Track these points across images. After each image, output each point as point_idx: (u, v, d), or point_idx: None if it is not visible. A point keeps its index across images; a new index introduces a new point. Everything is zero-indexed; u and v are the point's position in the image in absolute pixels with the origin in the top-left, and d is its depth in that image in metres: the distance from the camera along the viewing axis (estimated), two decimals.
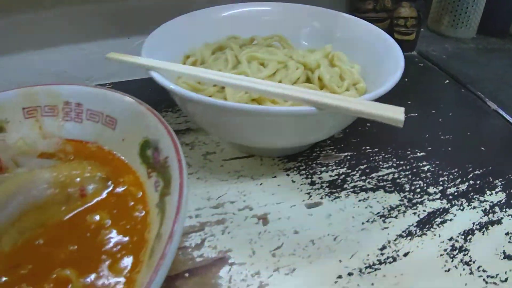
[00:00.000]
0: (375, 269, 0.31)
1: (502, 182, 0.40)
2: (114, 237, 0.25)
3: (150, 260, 0.22)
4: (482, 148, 0.44)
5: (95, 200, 0.27)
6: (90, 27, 0.53)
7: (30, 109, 0.34)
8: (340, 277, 0.30)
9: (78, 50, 0.53)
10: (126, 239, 0.25)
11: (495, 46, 0.72)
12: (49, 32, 0.52)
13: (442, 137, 0.45)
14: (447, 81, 0.57)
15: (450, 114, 0.50)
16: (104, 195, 0.28)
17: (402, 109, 0.30)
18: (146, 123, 0.29)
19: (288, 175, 0.39)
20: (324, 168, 0.40)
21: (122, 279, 0.23)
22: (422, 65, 0.61)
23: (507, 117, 0.50)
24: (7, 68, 0.53)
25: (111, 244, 0.25)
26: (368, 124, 0.46)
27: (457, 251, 0.33)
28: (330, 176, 0.39)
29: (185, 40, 0.43)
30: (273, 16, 0.47)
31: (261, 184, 0.38)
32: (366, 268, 0.31)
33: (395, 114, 0.29)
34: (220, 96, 0.36)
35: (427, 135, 0.45)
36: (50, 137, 0.33)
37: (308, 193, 0.37)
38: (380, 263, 0.31)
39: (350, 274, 0.30)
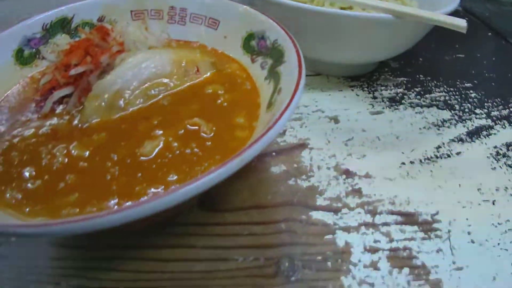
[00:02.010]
0: (433, 161, 0.36)
1: None
2: (230, 100, 0.31)
3: (268, 110, 0.28)
4: None
5: (207, 75, 0.33)
6: None
7: (138, 12, 0.40)
8: (403, 163, 0.36)
9: None
10: (240, 102, 0.30)
11: None
12: None
13: (486, 74, 0.50)
14: (490, 33, 0.61)
15: (494, 58, 0.54)
16: (214, 75, 0.33)
17: (464, 20, 0.35)
18: (250, 20, 0.34)
19: (352, 90, 0.44)
20: (384, 87, 0.45)
21: (243, 126, 0.28)
22: (466, 19, 0.64)
23: None
24: None
25: (227, 105, 0.30)
26: (420, 59, 0.51)
27: (500, 156, 0.38)
28: (389, 93, 0.44)
29: None
30: None
31: (329, 95, 0.43)
32: (425, 159, 0.36)
33: (460, 22, 0.35)
34: None
35: (473, 72, 0.50)
36: (155, 36, 0.38)
37: (371, 104, 0.42)
38: (437, 157, 0.37)
39: (412, 162, 0.36)
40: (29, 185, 0.26)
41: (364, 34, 0.37)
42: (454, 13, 0.41)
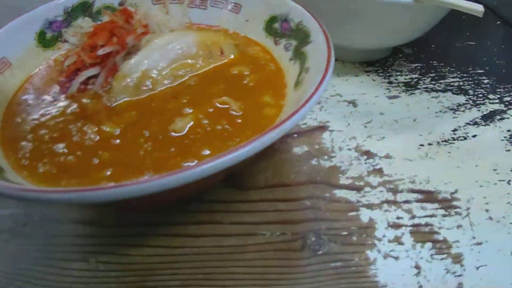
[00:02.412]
0: (450, 143, 0.37)
1: None
2: (256, 81, 0.32)
3: (296, 89, 0.28)
4: None
5: (231, 57, 0.34)
6: None
7: None
8: (422, 145, 0.37)
9: None
10: (266, 82, 0.31)
11: None
12: None
13: (497, 62, 0.51)
14: (498, 22, 0.62)
15: (503, 46, 0.55)
16: (238, 57, 0.34)
17: (481, 5, 0.36)
18: (273, 3, 0.35)
19: (368, 75, 0.45)
20: (399, 73, 0.45)
21: (271, 104, 0.29)
22: None
23: None
24: None
25: (253, 85, 0.31)
26: (433, 46, 0.51)
27: None
28: (405, 79, 0.45)
29: None
30: None
31: (346, 80, 0.44)
32: (442, 141, 0.37)
33: (477, 6, 0.35)
34: None
35: (484, 59, 0.51)
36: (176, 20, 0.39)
37: (388, 89, 0.43)
38: (453, 139, 0.38)
39: (430, 144, 0.37)
40: (62, 159, 0.26)
41: (383, 18, 0.38)
42: None
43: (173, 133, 0.27)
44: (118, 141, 0.27)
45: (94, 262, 0.29)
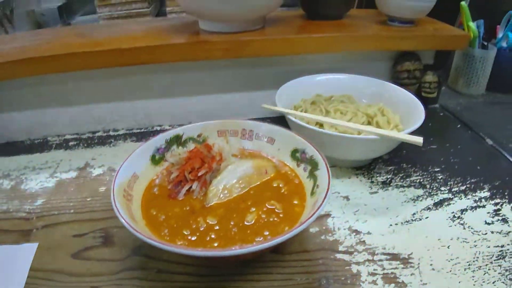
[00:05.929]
0: (409, 223, 0.68)
1: (488, 186, 0.77)
2: (288, 190, 0.63)
3: (311, 196, 0.59)
4: (478, 167, 0.82)
5: (272, 175, 0.65)
6: (229, 84, 0.97)
7: (221, 131, 0.74)
8: (391, 225, 0.67)
9: (219, 99, 0.95)
10: (294, 191, 0.62)
11: (500, 100, 1.11)
12: (201, 86, 0.95)
13: (452, 160, 0.83)
14: (459, 125, 0.95)
15: (459, 147, 0.88)
16: (276, 174, 0.66)
17: (421, 138, 0.68)
18: (295, 141, 0.68)
19: (357, 177, 0.77)
20: (378, 174, 0.78)
21: (299, 205, 0.60)
22: (442, 114, 1.00)
23: (499, 148, 0.88)
24: (175, 108, 0.96)
25: (287, 193, 0.62)
26: (404, 151, 0.84)
27: (456, 218, 0.69)
28: (382, 178, 0.77)
29: (294, 95, 0.83)
30: (345, 82, 0.88)
31: (342, 181, 0.76)
32: (404, 222, 0.68)
33: (418, 139, 0.68)
34: None
35: (442, 159, 0.83)
36: (234, 147, 0.71)
37: (370, 187, 0.75)
38: (412, 220, 0.68)
39: (396, 224, 0.67)
40: (189, 237, 0.56)
41: (361, 146, 0.71)
42: (433, 110, 0.74)
43: (246, 223, 0.58)
44: (217, 227, 0.58)
45: None
